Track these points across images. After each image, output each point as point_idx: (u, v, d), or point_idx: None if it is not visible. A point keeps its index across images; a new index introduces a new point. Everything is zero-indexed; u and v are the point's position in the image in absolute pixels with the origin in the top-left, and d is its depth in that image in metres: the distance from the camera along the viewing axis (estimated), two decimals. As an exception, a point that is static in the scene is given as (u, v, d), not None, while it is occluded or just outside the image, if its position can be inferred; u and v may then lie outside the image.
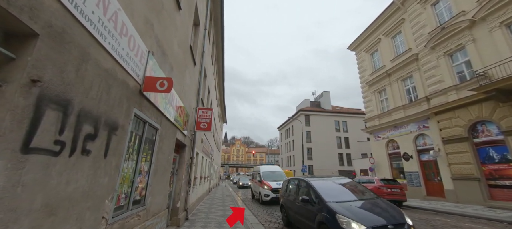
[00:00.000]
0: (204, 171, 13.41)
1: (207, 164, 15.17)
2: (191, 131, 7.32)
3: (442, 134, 12.55)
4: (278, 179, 12.60)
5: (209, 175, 17.13)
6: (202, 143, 10.93)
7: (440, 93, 12.68)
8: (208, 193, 16.17)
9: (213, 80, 15.89)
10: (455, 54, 12.28)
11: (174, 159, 6.03)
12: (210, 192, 18.51)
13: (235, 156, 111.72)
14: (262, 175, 13.02)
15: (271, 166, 14.98)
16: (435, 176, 13.36)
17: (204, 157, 12.22)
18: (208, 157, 14.85)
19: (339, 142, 36.24)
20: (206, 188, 15.39)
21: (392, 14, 16.92)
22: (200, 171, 11.43)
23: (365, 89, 19.80)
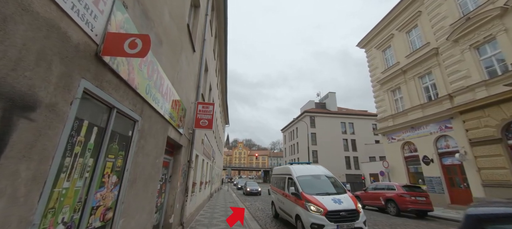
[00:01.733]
0: (205, 176, 12.27)
1: (208, 168, 14.04)
2: (189, 129, 6.22)
3: (469, 136, 11.27)
4: (330, 190, 6.62)
5: (210, 180, 15.98)
6: (203, 145, 9.82)
7: (466, 90, 11.44)
8: (209, 199, 15.00)
9: (216, 77, 14.84)
10: (483, 46, 11.07)
11: (167, 163, 4.91)
12: (212, 197, 17.34)
13: (237, 159, 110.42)
14: (299, 183, 6.81)
15: (308, 165, 8.43)
16: (461, 182, 12.04)
17: (205, 160, 11.09)
18: (209, 160, 13.72)
19: (345, 145, 34.86)
20: (207, 194, 14.23)
21: (407, 7, 15.78)
22: (201, 176, 10.29)
23: (376, 88, 18.59)
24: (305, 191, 6.34)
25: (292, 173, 7.40)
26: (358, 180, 32.21)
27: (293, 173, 7.36)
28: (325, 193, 6.31)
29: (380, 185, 12.14)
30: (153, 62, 3.00)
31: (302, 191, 6.38)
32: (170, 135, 4.26)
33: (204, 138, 9.86)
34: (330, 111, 36.74)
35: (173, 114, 4.30)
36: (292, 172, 7.48)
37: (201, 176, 10.38)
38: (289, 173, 7.68)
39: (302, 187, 6.55)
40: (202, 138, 9.25)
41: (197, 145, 7.77)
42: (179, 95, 4.67)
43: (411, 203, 9.90)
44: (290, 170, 7.65)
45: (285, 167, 8.73)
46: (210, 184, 15.75)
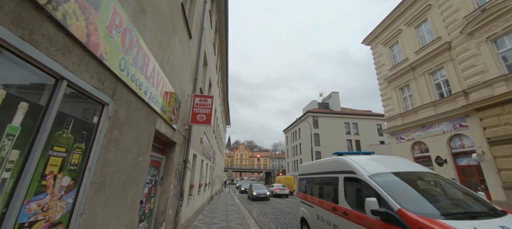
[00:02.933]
0: (205, 177, 11.60)
1: (208, 169, 13.37)
2: (185, 125, 5.56)
3: (487, 134, 10.50)
4: (469, 207, 3.05)
5: (211, 181, 15.30)
6: (202, 144, 9.16)
7: (483, 85, 10.69)
8: (209, 202, 14.30)
9: (216, 74, 14.23)
10: (502, 38, 10.34)
11: (157, 163, 4.25)
12: (212, 200, 16.64)
13: (239, 160, 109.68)
14: (385, 190, 3.01)
15: (377, 156, 4.68)
16: (479, 184, 11.24)
17: (204, 160, 10.43)
18: (209, 161, 13.06)
19: (349, 145, 34.03)
20: (207, 196, 13.55)
21: (416, 1, 15.08)
22: (200, 178, 9.63)
23: (383, 86, 17.85)
24: (409, 208, 2.71)
25: (356, 170, 3.69)
26: (363, 182, 31.34)
27: (359, 170, 3.64)
28: (459, 214, 2.80)
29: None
30: (132, 31, 2.35)
31: (403, 207, 2.72)
32: (160, 129, 3.60)
33: (203, 137, 9.20)
34: (334, 111, 35.97)
35: (164, 104, 3.65)
36: (356, 167, 3.75)
37: (200, 177, 9.71)
38: (347, 169, 4.00)
39: (396, 199, 2.87)
40: (201, 137, 8.60)
41: (194, 144, 7.12)
42: (171, 84, 4.02)
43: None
44: (350, 165, 3.93)
45: (333, 159, 5.05)
46: (210, 186, 15.07)
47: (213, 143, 15.80)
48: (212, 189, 17.24)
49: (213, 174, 18.18)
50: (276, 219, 9.74)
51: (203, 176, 10.50)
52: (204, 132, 9.82)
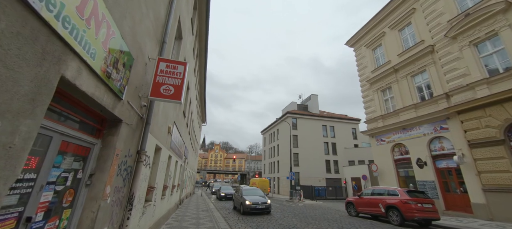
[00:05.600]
0: (173, 178, 9.68)
1: (179, 169, 11.41)
2: (142, 98, 3.85)
3: (468, 137, 10.57)
4: None
5: (180, 183, 13.26)
6: (171, 136, 7.35)
7: (465, 88, 10.79)
8: (177, 207, 12.26)
9: (193, 60, 12.38)
10: (484, 43, 10.54)
11: (84, 150, 2.53)
12: (182, 204, 14.54)
13: (213, 161, 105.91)
14: None
15: None
16: (457, 187, 11.31)
17: (173, 157, 8.56)
18: (180, 159, 11.12)
19: (326, 148, 34.34)
20: (176, 200, 11.54)
21: (400, 5, 15.23)
22: (166, 178, 7.76)
23: (365, 88, 17.81)
24: None
25: None
26: (337, 184, 31.76)
27: None
28: None
29: (378, 190, 10.81)
30: None
31: None
32: (79, 84, 1.93)
33: (172, 128, 7.40)
34: (312, 114, 36.10)
35: (93, 43, 2.00)
36: None
37: (167, 178, 7.85)
38: None
39: None
40: (169, 126, 6.81)
41: (158, 132, 5.36)
42: (114, 21, 2.37)
43: (418, 211, 8.61)
44: None
45: None
46: (179, 188, 13.03)
47: (186, 139, 13.82)
48: (182, 192, 15.14)
49: (184, 175, 16.07)
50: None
51: (170, 176, 8.61)
52: (175, 122, 8.00)
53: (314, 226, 8.60)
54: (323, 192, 28.02)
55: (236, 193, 13.66)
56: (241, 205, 11.49)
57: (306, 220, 10.08)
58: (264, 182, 30.05)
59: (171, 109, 7.00)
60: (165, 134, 6.39)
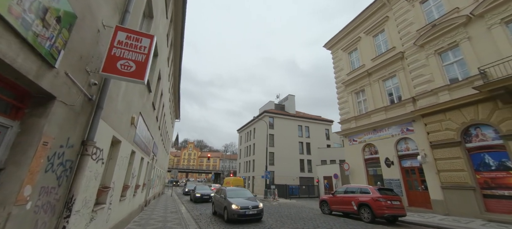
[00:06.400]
0: (138, 177, 8.59)
1: (145, 167, 10.25)
2: (91, 73, 3.03)
3: (430, 138, 11.44)
4: None
5: (147, 183, 12.02)
6: (135, 128, 6.38)
7: (430, 93, 11.66)
8: (142, 210, 11.05)
9: (167, 48, 11.28)
10: (446, 52, 11.50)
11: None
12: (148, 205, 13.23)
13: (186, 160, 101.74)
14: None
15: None
16: (419, 185, 12.19)
17: (138, 153, 7.53)
18: (147, 156, 9.99)
19: (301, 148, 35.15)
20: (140, 202, 10.35)
21: (376, 12, 16.03)
22: (129, 177, 6.75)
23: (340, 90, 18.42)
24: None
25: None
26: (310, 183, 32.72)
27: None
28: None
29: (351, 188, 11.08)
30: None
31: None
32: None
33: (137, 118, 6.43)
34: (289, 114, 36.64)
35: None
36: None
37: (130, 177, 6.83)
38: None
39: None
40: (133, 116, 5.86)
41: (117, 120, 4.48)
42: None
43: (388, 208, 8.96)
44: None
45: None
46: (146, 188, 11.80)
47: (156, 134, 12.59)
48: (149, 193, 13.81)
49: (152, 174, 14.71)
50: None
51: (134, 174, 7.56)
52: (141, 113, 7.01)
53: (291, 226, 8.36)
54: (297, 190, 28.57)
55: (217, 194, 10.81)
56: (225, 210, 9.04)
57: (282, 219, 9.83)
58: (239, 181, 29.49)
59: (136, 96, 6.06)
60: (127, 125, 5.45)
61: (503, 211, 8.82)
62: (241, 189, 10.84)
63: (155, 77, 9.12)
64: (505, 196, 8.86)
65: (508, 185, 8.82)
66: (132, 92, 5.47)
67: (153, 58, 8.72)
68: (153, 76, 8.64)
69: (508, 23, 9.31)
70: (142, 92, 6.79)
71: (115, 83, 4.12)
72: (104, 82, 3.39)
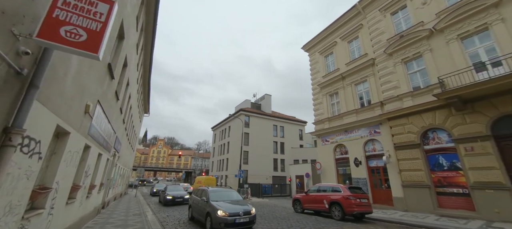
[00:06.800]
0: (93, 176, 7.46)
1: (105, 165, 9.01)
2: (22, 35, 2.28)
3: (394, 140, 12.33)
4: None
5: (106, 182, 10.66)
6: (91, 118, 5.44)
7: (396, 98, 12.57)
8: (97, 213, 9.74)
9: (137, 32, 10.11)
10: (411, 62, 12.51)
11: None
12: (107, 207, 11.77)
13: (155, 158, 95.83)
14: None
15: None
16: (383, 183, 13.08)
17: (93, 148, 6.49)
18: (107, 152, 8.79)
19: (275, 147, 35.59)
20: (96, 204, 9.08)
21: (351, 19, 16.82)
22: (79, 176, 5.74)
23: (316, 91, 18.95)
24: None
25: None
26: (283, 182, 33.34)
27: None
28: None
29: (324, 187, 11.35)
30: None
31: None
32: None
33: (94, 107, 5.48)
34: (265, 113, 36.80)
35: None
36: None
37: (80, 176, 5.82)
38: None
39: None
40: (88, 104, 4.94)
41: (63, 105, 3.65)
42: None
43: (357, 206, 9.33)
44: None
45: None
46: (104, 188, 10.46)
47: (119, 128, 11.26)
48: (108, 193, 12.33)
49: (113, 172, 13.19)
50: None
51: (88, 173, 6.50)
52: (99, 102, 6.03)
53: (265, 226, 8.13)
54: (269, 189, 28.78)
55: (197, 196, 8.96)
56: (207, 217, 7.32)
57: (256, 219, 9.56)
58: (211, 180, 28.58)
59: (94, 80, 5.14)
60: (78, 113, 4.56)
61: (453, 206, 9.87)
62: (227, 190, 9.20)
63: (120, 63, 8.04)
64: (454, 193, 9.94)
65: (457, 183, 9.91)
66: (87, 74, 4.59)
67: (118, 40, 7.70)
68: (118, 61, 7.60)
69: (463, 39, 10.46)
70: (102, 77, 5.84)
71: (63, 58, 3.31)
72: (43, 53, 2.63)
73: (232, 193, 8.86)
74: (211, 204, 7.40)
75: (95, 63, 4.93)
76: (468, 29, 10.27)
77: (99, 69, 5.43)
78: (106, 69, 6.10)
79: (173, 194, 14.97)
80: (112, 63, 6.84)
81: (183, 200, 14.96)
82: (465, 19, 10.37)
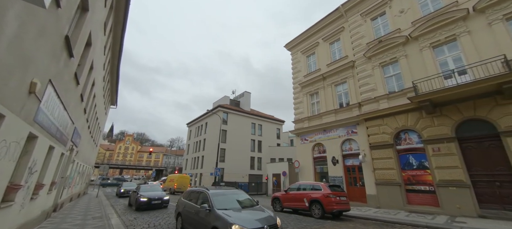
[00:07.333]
0: (43, 173, 6.16)
1: (58, 160, 7.60)
2: None
3: (370, 140, 12.87)
4: None
5: (59, 181, 9.10)
6: (38, 101, 4.35)
7: (373, 100, 13.12)
8: (47, 217, 8.23)
9: (103, 8, 8.77)
10: (387, 66, 13.16)
11: None
12: (60, 210, 10.10)
13: (122, 154, 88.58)
14: None
15: None
16: (357, 181, 13.59)
17: (42, 138, 5.30)
18: (62, 146, 7.41)
19: (253, 145, 35.33)
20: (45, 207, 7.62)
21: (334, 21, 17.20)
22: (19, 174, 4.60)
23: (297, 90, 19.05)
24: None
25: None
26: (259, 180, 33.29)
27: None
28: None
29: (304, 185, 11.30)
30: None
31: None
32: None
33: (43, 87, 4.40)
34: (244, 110, 36.26)
35: None
36: None
37: (21, 173, 4.66)
38: None
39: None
40: (34, 81, 3.89)
41: None
42: None
43: (337, 204, 9.41)
44: None
45: None
46: (56, 188, 8.91)
47: (79, 119, 9.71)
48: (62, 193, 10.62)
49: (70, 170, 11.43)
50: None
51: (33, 170, 5.28)
52: (52, 81, 4.89)
53: (246, 227, 7.63)
54: (246, 187, 28.41)
55: (188, 200, 6.79)
56: None
57: (235, 220, 9.01)
58: (184, 179, 27.16)
59: (44, 53, 4.09)
60: (19, 92, 3.52)
61: (420, 203, 10.58)
62: (233, 191, 6.68)
63: (82, 39, 6.79)
64: (422, 191, 10.67)
65: (425, 181, 10.65)
66: (34, 42, 3.58)
67: (80, 12, 6.45)
68: (79, 37, 6.38)
69: (435, 48, 11.27)
70: (57, 52, 4.74)
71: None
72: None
73: (239, 194, 6.55)
74: (218, 215, 5.05)
75: (47, 30, 3.90)
76: (439, 38, 11.09)
77: (53, 41, 4.36)
78: (63, 42, 4.98)
79: (148, 195, 12.03)
80: (71, 38, 5.68)
81: (162, 203, 12.35)
82: (437, 29, 11.18)
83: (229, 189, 7.00)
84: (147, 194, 12.18)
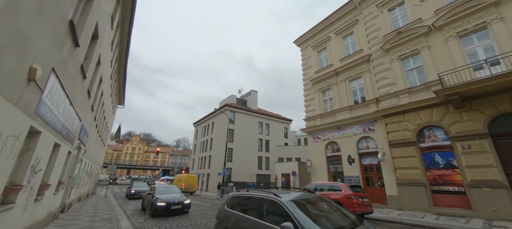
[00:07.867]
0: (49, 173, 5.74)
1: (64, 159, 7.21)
2: None
3: (390, 138, 12.08)
4: None
5: (67, 180, 8.74)
6: (40, 91, 3.89)
7: (392, 95, 12.33)
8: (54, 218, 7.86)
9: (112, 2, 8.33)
10: (408, 59, 12.35)
11: None
12: (68, 211, 9.76)
13: (129, 155, 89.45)
14: None
15: None
16: (376, 181, 12.82)
17: (45, 134, 4.86)
18: (68, 144, 7.01)
19: (260, 145, 34.72)
20: (52, 208, 7.24)
21: (347, 14, 16.45)
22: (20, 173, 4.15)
23: (307, 87, 18.36)
24: None
25: None
26: (267, 180, 32.66)
27: None
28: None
29: (321, 186, 10.64)
30: None
31: None
32: None
33: (46, 76, 3.93)
34: (251, 109, 35.71)
35: None
36: None
37: (24, 173, 4.21)
38: None
39: None
40: (34, 66, 3.42)
41: None
42: None
43: (359, 205, 8.73)
44: None
45: None
46: (64, 188, 8.54)
47: (87, 117, 9.35)
48: (70, 194, 10.28)
49: (78, 169, 11.11)
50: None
51: (37, 169, 4.84)
52: (55, 70, 4.44)
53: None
54: (254, 188, 27.92)
55: (243, 213, 4.31)
56: None
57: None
58: (192, 179, 26.83)
59: (46, 36, 3.62)
60: (16, 76, 3.05)
61: (448, 205, 9.76)
62: (316, 198, 4.21)
63: (88, 29, 6.36)
64: (450, 191, 9.84)
65: (453, 181, 9.82)
66: (33, 19, 3.10)
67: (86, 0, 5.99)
68: (85, 26, 5.94)
69: (462, 37, 10.42)
70: (60, 37, 4.28)
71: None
72: None
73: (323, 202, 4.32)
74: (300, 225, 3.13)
75: (47, 8, 3.42)
76: (466, 27, 10.24)
77: (54, 22, 3.88)
78: (67, 27, 4.52)
79: (166, 198, 9.95)
80: (77, 24, 5.23)
81: (183, 208, 10.20)
82: (464, 17, 10.34)
83: (308, 194, 4.40)
84: (165, 197, 10.09)
